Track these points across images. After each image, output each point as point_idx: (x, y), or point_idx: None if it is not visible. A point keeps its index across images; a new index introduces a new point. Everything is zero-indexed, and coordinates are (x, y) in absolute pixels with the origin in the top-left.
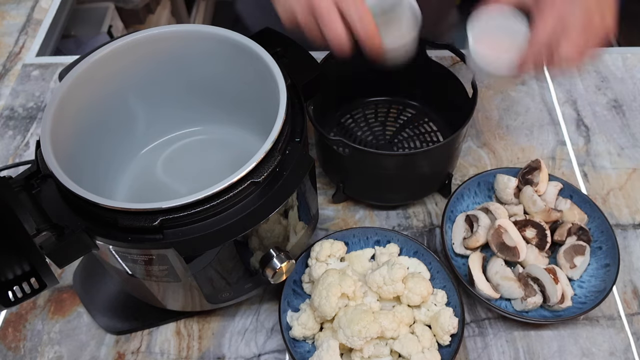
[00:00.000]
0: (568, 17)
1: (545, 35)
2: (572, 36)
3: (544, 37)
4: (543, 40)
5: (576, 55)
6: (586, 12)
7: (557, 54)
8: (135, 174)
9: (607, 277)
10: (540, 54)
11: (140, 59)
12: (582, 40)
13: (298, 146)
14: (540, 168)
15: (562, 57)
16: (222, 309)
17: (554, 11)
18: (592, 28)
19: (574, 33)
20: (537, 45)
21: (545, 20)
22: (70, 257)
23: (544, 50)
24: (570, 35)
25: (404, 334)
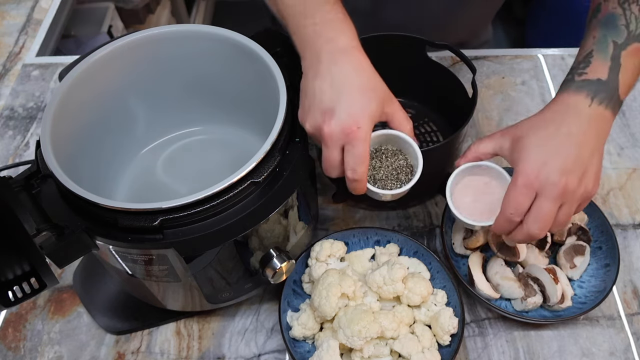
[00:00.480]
0: (541, 190)
1: (516, 208)
2: (541, 213)
3: (514, 209)
4: (513, 215)
5: (543, 233)
6: (563, 183)
7: (522, 228)
8: (135, 174)
9: (607, 277)
10: (510, 225)
11: (140, 59)
12: (551, 216)
13: (298, 146)
14: None
15: (526, 232)
16: (222, 309)
17: (527, 182)
18: (570, 198)
19: (543, 210)
20: (507, 217)
21: (517, 192)
22: (70, 257)
23: (514, 223)
24: (539, 212)
25: (404, 334)
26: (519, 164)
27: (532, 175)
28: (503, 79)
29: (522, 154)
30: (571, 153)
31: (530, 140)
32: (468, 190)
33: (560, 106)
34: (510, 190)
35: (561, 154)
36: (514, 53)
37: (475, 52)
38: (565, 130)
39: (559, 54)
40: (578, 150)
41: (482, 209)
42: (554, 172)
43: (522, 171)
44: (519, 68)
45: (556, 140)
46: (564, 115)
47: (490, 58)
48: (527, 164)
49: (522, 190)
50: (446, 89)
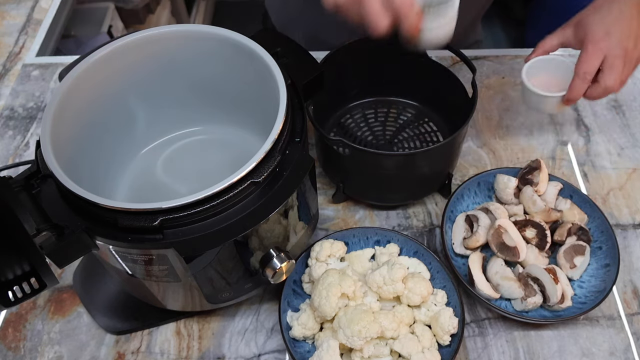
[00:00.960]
0: (609, 52)
1: (589, 68)
2: (614, 69)
3: (587, 69)
4: (587, 73)
5: (617, 85)
6: (624, 45)
7: (599, 85)
8: (135, 174)
9: (607, 277)
10: (584, 85)
11: (140, 59)
12: (622, 72)
13: (298, 146)
14: (540, 168)
15: (604, 87)
16: (222, 309)
17: (596, 47)
18: (629, 59)
19: (615, 66)
20: (581, 76)
21: (588, 55)
22: (70, 257)
23: (587, 82)
24: (612, 68)
25: (404, 334)
26: (587, 37)
27: (600, 41)
28: (503, 79)
29: (586, 29)
30: (626, 25)
31: (590, 19)
32: (539, 80)
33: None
34: (583, 55)
35: (618, 26)
36: (514, 53)
37: (476, 52)
38: (617, 9)
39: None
40: (630, 23)
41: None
42: (616, 38)
43: (590, 40)
44: (519, 68)
45: (612, 16)
46: (612, 4)
47: (490, 58)
48: (594, 34)
49: (592, 53)
50: (446, 89)
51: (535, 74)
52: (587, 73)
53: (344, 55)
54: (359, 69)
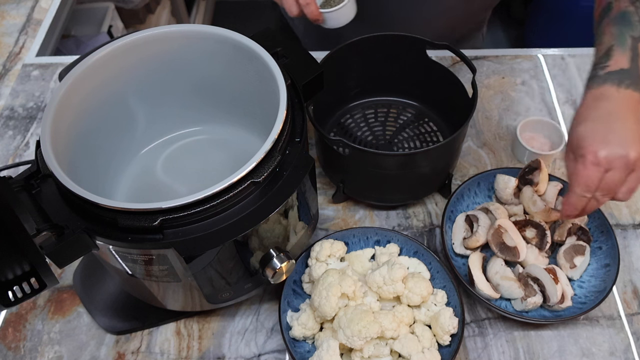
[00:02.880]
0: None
1: (589, 183)
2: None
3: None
4: (587, 189)
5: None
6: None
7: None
8: (135, 174)
9: (607, 277)
10: (582, 201)
11: (140, 59)
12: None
13: (298, 146)
14: (540, 168)
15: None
16: (222, 309)
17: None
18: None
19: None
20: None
21: (587, 170)
22: (70, 257)
23: (587, 199)
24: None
25: (404, 334)
26: (583, 149)
27: (600, 152)
28: (503, 79)
29: (581, 143)
30: (622, 127)
31: (580, 131)
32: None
33: (590, 99)
34: (580, 169)
35: (615, 130)
36: (514, 53)
37: (475, 52)
38: (605, 112)
39: (559, 54)
40: (626, 124)
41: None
42: (617, 146)
43: (588, 152)
44: (519, 68)
45: (604, 122)
46: (597, 103)
47: (490, 58)
48: (591, 145)
49: (591, 168)
50: (446, 89)
51: (529, 131)
52: (585, 192)
53: (344, 55)
54: (359, 69)
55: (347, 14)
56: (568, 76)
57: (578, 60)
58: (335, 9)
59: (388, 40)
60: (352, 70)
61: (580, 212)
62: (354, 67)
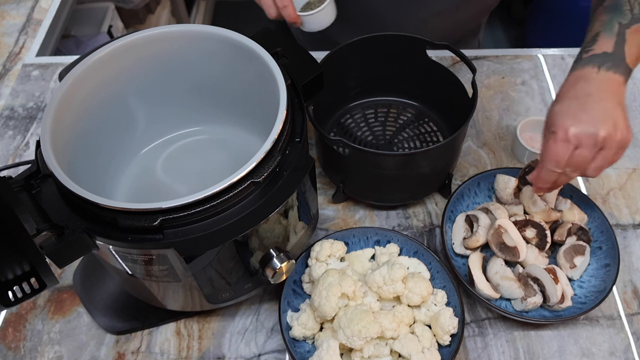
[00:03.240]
0: (580, 140)
1: (558, 158)
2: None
3: (556, 159)
4: (557, 164)
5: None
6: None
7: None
8: (135, 174)
9: (607, 277)
10: (552, 175)
11: (140, 59)
12: (599, 159)
13: (298, 146)
14: None
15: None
16: (222, 309)
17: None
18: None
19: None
20: (548, 167)
21: (557, 144)
22: (70, 257)
23: (555, 174)
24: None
25: (404, 334)
26: (554, 126)
27: (570, 129)
28: (503, 79)
29: (554, 119)
30: (596, 107)
31: (556, 109)
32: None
33: (571, 79)
34: (550, 145)
35: (588, 109)
36: (514, 53)
37: (475, 52)
38: (582, 92)
39: (559, 54)
40: (600, 104)
41: None
42: (588, 124)
43: (559, 128)
44: (519, 68)
45: (578, 101)
46: (576, 84)
47: (490, 58)
48: (562, 122)
49: (561, 144)
50: (446, 89)
51: (529, 131)
52: (554, 167)
53: (344, 55)
54: (359, 69)
55: (326, 18)
56: None
57: None
58: (312, 13)
59: (388, 40)
60: (352, 70)
61: (551, 186)
62: (354, 67)
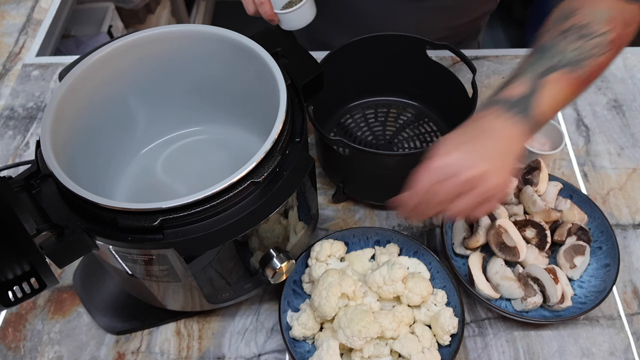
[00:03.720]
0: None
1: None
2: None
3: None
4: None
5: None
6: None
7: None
8: (135, 174)
9: (607, 277)
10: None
11: (140, 59)
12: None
13: (298, 146)
14: (540, 168)
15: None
16: (222, 309)
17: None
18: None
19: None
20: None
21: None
22: (70, 257)
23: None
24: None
25: (404, 334)
26: (433, 151)
27: (436, 160)
28: (503, 79)
29: (438, 147)
30: (482, 146)
31: (445, 139)
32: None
33: (475, 117)
34: (418, 173)
35: (474, 146)
36: (514, 53)
37: (475, 52)
38: (478, 128)
39: None
40: (489, 147)
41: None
42: (456, 161)
43: (431, 157)
44: None
45: (468, 136)
46: (476, 122)
47: (490, 58)
48: (441, 151)
49: (425, 173)
50: (446, 89)
51: None
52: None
53: (344, 55)
54: (360, 69)
55: (304, 16)
56: None
57: None
58: (289, 11)
59: (388, 40)
60: (352, 70)
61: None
62: (354, 67)
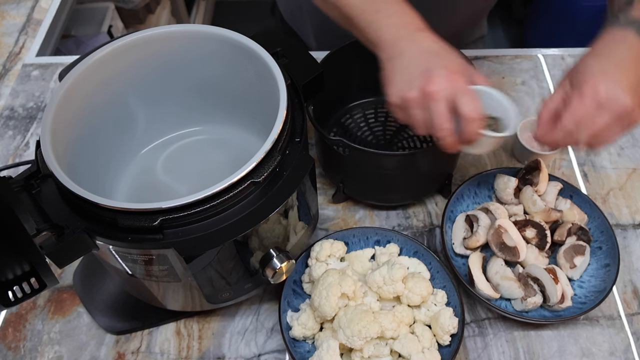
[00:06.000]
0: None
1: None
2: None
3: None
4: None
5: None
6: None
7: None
8: (135, 174)
9: (607, 277)
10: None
11: (140, 59)
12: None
13: (298, 146)
14: (540, 168)
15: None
16: (222, 309)
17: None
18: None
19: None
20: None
21: (585, 100)
22: (70, 257)
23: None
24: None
25: (404, 334)
26: (584, 85)
27: (601, 92)
28: (503, 79)
29: (585, 77)
30: (627, 79)
31: (588, 69)
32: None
33: (609, 40)
34: (575, 102)
35: (625, 75)
36: (514, 53)
37: (476, 52)
38: (619, 60)
39: (559, 54)
40: (632, 78)
41: None
42: (618, 92)
43: (589, 86)
44: (519, 68)
45: (615, 62)
46: (614, 47)
47: (490, 58)
48: (594, 80)
49: (589, 102)
50: None
51: (529, 131)
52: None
53: (344, 55)
54: (359, 69)
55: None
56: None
57: None
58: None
59: None
60: (352, 70)
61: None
62: (354, 67)
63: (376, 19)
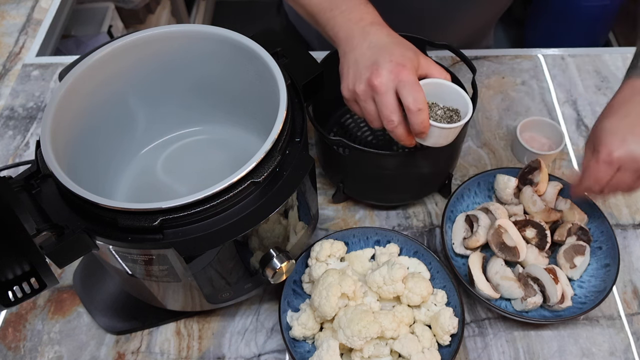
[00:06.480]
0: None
1: (600, 179)
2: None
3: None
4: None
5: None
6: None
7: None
8: (135, 174)
9: (607, 277)
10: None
11: (140, 59)
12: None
13: (298, 146)
14: (540, 168)
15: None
16: (222, 309)
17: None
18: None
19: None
20: (588, 186)
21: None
22: (70, 257)
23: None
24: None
25: (404, 334)
26: (600, 144)
27: (615, 152)
28: (503, 79)
29: (600, 136)
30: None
31: (605, 125)
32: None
33: (628, 91)
34: (592, 164)
35: (636, 132)
36: (514, 53)
37: (475, 52)
38: (636, 111)
39: (558, 54)
40: None
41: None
42: (634, 147)
43: (603, 148)
44: (519, 68)
45: (629, 120)
46: (631, 99)
47: (490, 58)
48: (608, 142)
49: (604, 166)
50: None
51: (529, 131)
52: (593, 186)
53: None
54: None
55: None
56: (568, 76)
57: (578, 60)
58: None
59: None
60: None
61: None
62: None
63: (332, 16)
